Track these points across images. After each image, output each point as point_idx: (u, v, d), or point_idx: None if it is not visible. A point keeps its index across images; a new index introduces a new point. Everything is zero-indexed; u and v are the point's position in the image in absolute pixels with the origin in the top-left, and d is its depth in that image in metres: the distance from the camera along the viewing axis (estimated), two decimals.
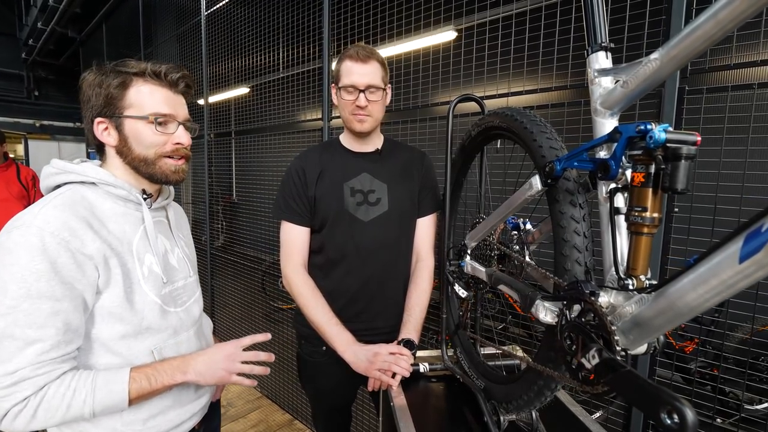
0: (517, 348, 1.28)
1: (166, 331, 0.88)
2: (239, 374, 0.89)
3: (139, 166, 0.86)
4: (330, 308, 1.22)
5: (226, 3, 2.85)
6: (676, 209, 1.20)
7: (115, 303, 0.79)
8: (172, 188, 1.01)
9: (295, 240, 1.28)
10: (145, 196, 0.89)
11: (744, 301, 1.14)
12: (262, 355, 0.91)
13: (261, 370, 0.91)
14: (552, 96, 1.50)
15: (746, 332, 1.79)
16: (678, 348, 2.15)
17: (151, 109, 0.84)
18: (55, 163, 0.84)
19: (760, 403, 1.81)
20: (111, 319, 0.80)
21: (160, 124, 0.85)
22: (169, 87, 0.87)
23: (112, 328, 0.80)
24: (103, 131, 0.84)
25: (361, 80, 1.19)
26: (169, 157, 0.88)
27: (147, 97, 0.84)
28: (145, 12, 4.20)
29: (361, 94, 1.19)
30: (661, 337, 0.61)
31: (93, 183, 0.83)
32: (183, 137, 0.88)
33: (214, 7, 2.97)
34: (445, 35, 2.17)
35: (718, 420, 1.23)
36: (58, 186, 0.83)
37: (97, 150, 0.89)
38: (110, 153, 0.87)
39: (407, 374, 1.10)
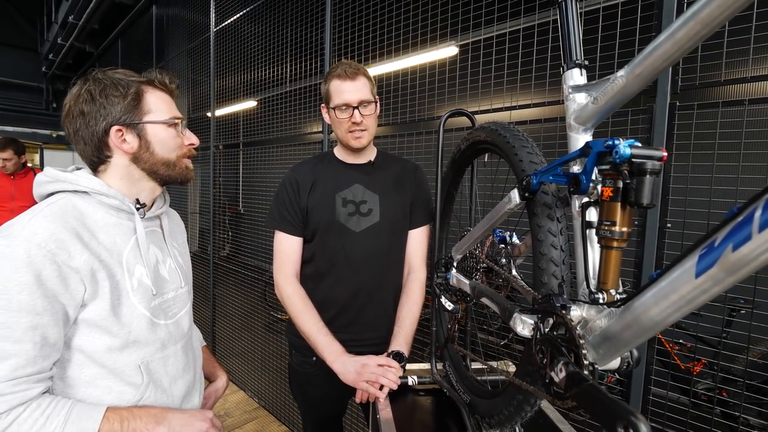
0: (509, 362, 1.26)
1: (153, 345, 0.87)
2: None
3: (159, 170, 0.89)
4: (320, 318, 1.22)
5: (234, 20, 2.94)
6: (669, 225, 1.19)
7: (101, 316, 0.78)
8: (167, 196, 1.02)
9: (287, 249, 1.30)
10: (138, 206, 0.89)
11: (753, 323, 1.11)
12: None
13: None
14: (546, 111, 1.51)
15: (756, 354, 1.72)
16: (684, 369, 2.08)
17: (170, 114, 0.89)
18: (48, 172, 0.84)
19: None
20: (97, 331, 0.79)
21: (175, 126, 0.90)
22: (170, 93, 0.92)
23: (98, 340, 0.79)
24: (120, 139, 0.84)
25: (353, 97, 1.21)
26: (186, 157, 0.94)
27: (162, 103, 0.89)
28: (158, 28, 4.36)
29: (356, 111, 1.21)
30: (635, 353, 0.61)
31: (85, 192, 0.83)
32: (194, 138, 0.95)
33: (222, 24, 3.07)
34: (446, 51, 2.20)
35: None
36: (50, 194, 0.83)
37: (92, 164, 0.87)
38: (119, 162, 0.86)
39: (395, 387, 1.09)
